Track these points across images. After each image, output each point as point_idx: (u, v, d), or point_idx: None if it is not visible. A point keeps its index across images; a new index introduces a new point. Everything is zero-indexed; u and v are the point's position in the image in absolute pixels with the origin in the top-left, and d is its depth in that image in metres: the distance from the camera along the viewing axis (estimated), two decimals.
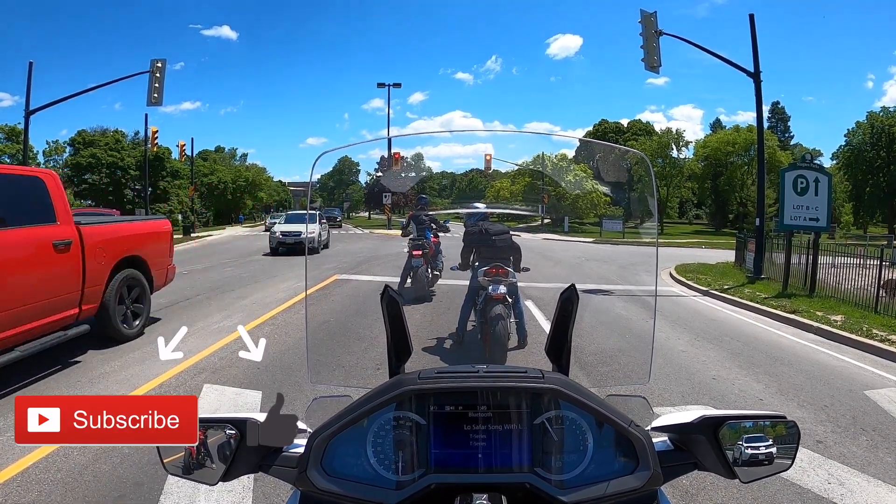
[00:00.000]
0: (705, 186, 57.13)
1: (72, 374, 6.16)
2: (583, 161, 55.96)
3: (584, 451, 1.25)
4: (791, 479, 3.90)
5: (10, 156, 43.29)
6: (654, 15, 17.06)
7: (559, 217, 35.69)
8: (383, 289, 1.48)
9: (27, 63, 20.95)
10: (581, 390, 1.25)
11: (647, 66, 17.42)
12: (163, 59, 21.35)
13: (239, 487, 3.58)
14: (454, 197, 67.46)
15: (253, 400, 5.38)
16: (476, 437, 1.23)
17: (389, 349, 1.48)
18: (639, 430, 1.24)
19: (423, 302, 9.13)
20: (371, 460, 1.25)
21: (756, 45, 15.83)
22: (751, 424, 1.26)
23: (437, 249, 9.66)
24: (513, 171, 49.95)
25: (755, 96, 16.07)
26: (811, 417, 5.26)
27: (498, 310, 6.01)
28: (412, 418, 1.24)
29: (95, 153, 50.61)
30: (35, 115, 21.20)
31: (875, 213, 53.39)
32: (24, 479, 3.84)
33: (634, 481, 1.21)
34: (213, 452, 1.24)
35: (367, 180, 67.13)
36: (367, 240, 26.81)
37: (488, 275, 6.18)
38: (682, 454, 1.30)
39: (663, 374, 6.34)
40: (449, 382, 1.24)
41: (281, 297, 10.56)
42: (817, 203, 12.83)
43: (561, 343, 1.50)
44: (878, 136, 51.19)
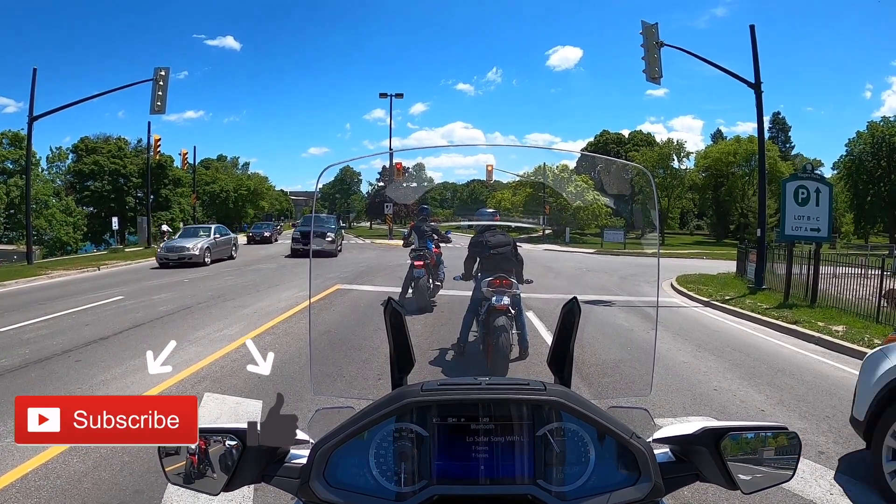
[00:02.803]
0: (706, 197, 57.10)
1: (71, 382, 6.16)
2: (584, 172, 56.00)
3: (586, 462, 1.25)
4: (792, 489, 3.88)
5: (14, 161, 43.40)
6: (656, 26, 17.17)
7: (560, 228, 35.63)
8: (386, 301, 1.49)
9: (31, 69, 21.12)
10: (583, 402, 1.25)
11: (648, 77, 17.50)
12: (166, 67, 21.48)
13: (239, 497, 3.57)
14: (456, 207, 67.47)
15: (254, 409, 5.36)
16: (478, 448, 1.23)
17: (392, 360, 1.49)
18: (640, 442, 1.24)
19: (424, 312, 9.12)
20: (374, 471, 1.25)
21: (757, 55, 15.91)
22: (752, 436, 1.26)
23: (438, 260, 9.66)
24: (514, 182, 49.95)
25: (756, 107, 16.14)
26: (813, 428, 5.24)
27: (501, 321, 6.00)
28: (415, 430, 1.25)
29: (98, 160, 50.70)
30: (38, 121, 21.37)
31: (876, 222, 53.34)
32: (23, 485, 3.83)
33: (636, 493, 1.21)
34: (214, 462, 1.23)
35: (369, 190, 67.13)
36: (368, 250, 26.81)
37: (492, 286, 6.18)
38: (683, 465, 1.30)
39: (665, 385, 6.32)
40: (452, 394, 1.25)
41: (282, 307, 10.55)
42: (818, 213, 12.82)
43: (563, 355, 1.51)
44: (878, 146, 51.21)
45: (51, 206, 44.05)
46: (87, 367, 6.67)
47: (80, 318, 9.79)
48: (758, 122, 16.62)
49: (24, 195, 26.71)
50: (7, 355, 7.18)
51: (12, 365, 6.77)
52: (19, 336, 8.40)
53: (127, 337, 8.35)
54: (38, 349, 7.50)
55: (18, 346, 7.72)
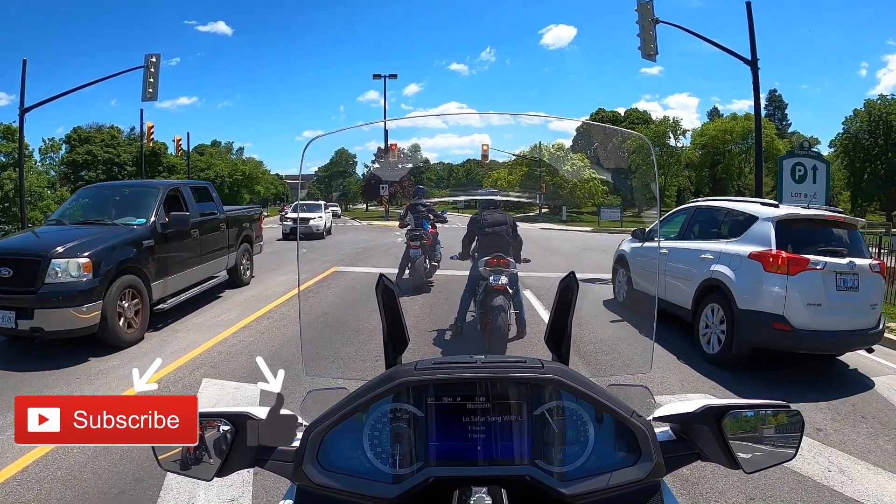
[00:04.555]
0: (703, 175, 57.05)
1: (69, 371, 6.14)
2: (580, 150, 55.85)
3: (585, 442, 1.23)
4: (791, 467, 3.90)
5: (6, 154, 43.12)
6: (651, 3, 17.01)
7: (557, 206, 35.64)
8: (378, 278, 1.46)
9: (21, 61, 20.87)
10: (582, 380, 1.23)
11: (643, 54, 17.38)
12: (157, 53, 21.22)
13: (239, 481, 3.58)
14: (452, 187, 67.33)
15: (252, 394, 5.36)
16: (475, 428, 1.20)
17: (386, 340, 1.46)
18: (641, 421, 1.22)
19: (421, 293, 9.10)
20: (368, 454, 1.23)
21: (753, 32, 15.84)
22: (753, 414, 1.24)
23: (434, 240, 9.62)
24: (510, 161, 49.86)
25: (752, 84, 16.10)
26: (811, 405, 5.27)
27: (499, 300, 5.98)
28: (410, 410, 1.22)
29: (91, 150, 50.47)
30: (30, 112, 21.06)
31: (873, 200, 53.38)
32: (24, 477, 3.84)
33: (637, 472, 1.19)
34: (209, 447, 1.22)
35: (364, 172, 66.90)
36: (364, 231, 26.76)
37: (489, 265, 6.14)
38: (684, 444, 1.28)
39: (661, 363, 6.34)
40: (447, 373, 1.22)
41: (279, 291, 10.52)
42: (815, 190, 12.82)
43: (560, 332, 1.48)
44: (875, 124, 51.08)
45: (45, 198, 43.81)
46: (85, 356, 6.63)
47: None
48: (754, 99, 16.60)
49: (18, 188, 26.54)
50: (2, 346, 7.15)
51: (10, 356, 6.76)
52: None
53: None
54: None
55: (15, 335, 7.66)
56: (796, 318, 5.94)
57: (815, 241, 6.31)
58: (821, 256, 6.08)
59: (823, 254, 6.12)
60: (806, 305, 5.96)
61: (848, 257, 6.16)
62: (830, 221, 6.56)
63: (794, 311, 5.95)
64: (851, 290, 6.09)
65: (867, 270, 6.20)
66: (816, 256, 6.06)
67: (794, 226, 6.38)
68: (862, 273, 6.14)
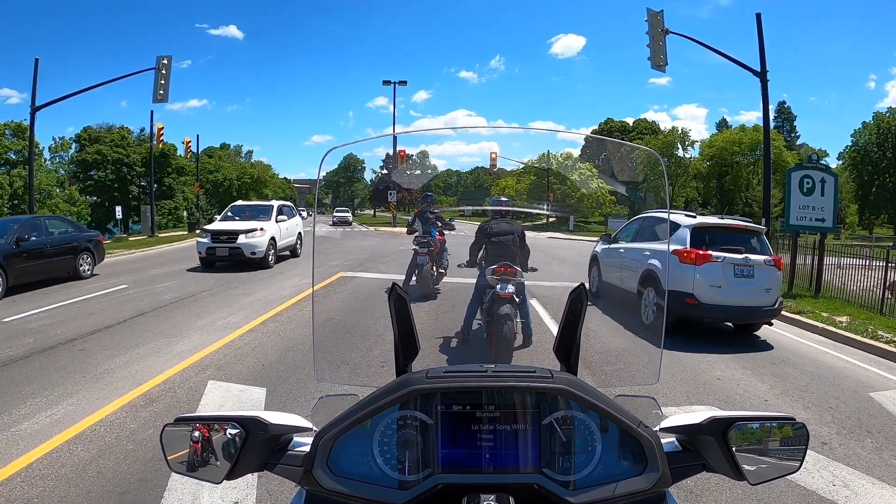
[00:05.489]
0: (711, 186, 56.86)
1: (77, 370, 6.19)
2: (588, 160, 55.81)
3: (592, 451, 1.24)
4: (796, 480, 3.89)
5: (17, 152, 43.48)
6: (661, 14, 17.04)
7: (564, 215, 35.61)
8: (391, 286, 1.47)
9: (34, 60, 21.07)
10: (590, 390, 1.24)
11: (653, 64, 17.39)
12: (168, 55, 21.36)
13: (243, 485, 3.59)
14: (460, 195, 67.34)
15: (258, 396, 5.38)
16: (484, 436, 1.21)
17: (397, 347, 1.47)
18: (648, 431, 1.22)
19: (427, 300, 9.12)
20: (377, 460, 1.24)
21: (763, 44, 15.79)
22: (759, 426, 1.25)
23: (442, 247, 9.65)
24: (518, 170, 49.90)
25: (762, 96, 16.04)
26: (816, 419, 5.24)
27: (505, 309, 5.98)
28: (419, 417, 1.23)
29: (101, 150, 50.73)
30: (41, 111, 21.29)
31: (881, 213, 53.14)
32: (28, 474, 3.86)
33: (643, 482, 1.20)
34: (217, 450, 1.23)
35: (373, 178, 66.98)
36: (371, 237, 26.80)
37: (496, 273, 6.15)
38: (690, 455, 1.29)
39: (668, 375, 6.32)
40: (458, 382, 1.23)
41: (285, 294, 10.57)
42: (823, 203, 12.74)
43: (569, 342, 1.49)
44: (884, 137, 50.91)
45: (54, 196, 44.18)
46: (91, 356, 6.69)
47: (84, 308, 9.82)
48: (763, 110, 16.52)
49: (27, 185, 26.71)
50: (12, 345, 7.21)
51: (17, 355, 6.79)
52: (24, 326, 8.42)
53: (131, 326, 8.37)
54: (43, 338, 7.52)
55: (23, 335, 7.75)
56: (702, 295, 8.07)
57: (721, 242, 8.29)
58: (722, 252, 8.11)
59: (725, 251, 8.14)
60: (709, 286, 8.05)
61: (745, 254, 8.21)
62: (736, 228, 8.76)
63: (701, 290, 8.07)
64: (747, 278, 8.15)
65: (761, 263, 8.23)
66: (718, 252, 8.12)
67: (705, 231, 8.42)
68: (757, 265, 8.19)
